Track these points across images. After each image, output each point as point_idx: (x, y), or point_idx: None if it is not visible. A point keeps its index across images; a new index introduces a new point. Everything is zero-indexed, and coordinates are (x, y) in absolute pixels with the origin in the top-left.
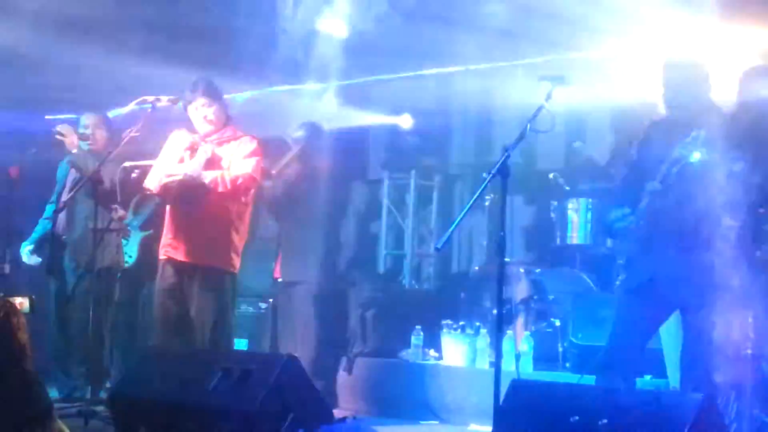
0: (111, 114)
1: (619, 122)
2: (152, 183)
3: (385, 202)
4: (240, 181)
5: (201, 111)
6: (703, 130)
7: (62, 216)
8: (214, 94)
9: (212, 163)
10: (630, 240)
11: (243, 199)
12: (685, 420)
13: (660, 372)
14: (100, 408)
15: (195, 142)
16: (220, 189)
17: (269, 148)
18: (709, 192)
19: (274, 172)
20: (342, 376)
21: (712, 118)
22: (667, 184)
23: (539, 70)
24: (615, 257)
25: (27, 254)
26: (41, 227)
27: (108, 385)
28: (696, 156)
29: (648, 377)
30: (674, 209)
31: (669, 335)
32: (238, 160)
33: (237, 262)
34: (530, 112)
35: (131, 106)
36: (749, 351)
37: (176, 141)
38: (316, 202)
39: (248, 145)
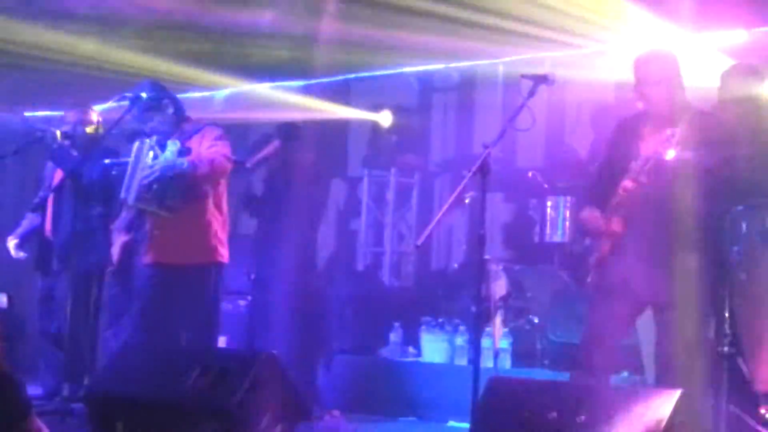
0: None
1: (600, 120)
2: (128, 195)
3: (365, 199)
4: (216, 161)
5: (147, 127)
6: (678, 128)
7: (48, 214)
8: (146, 107)
9: (183, 151)
10: (602, 238)
11: (222, 182)
12: (661, 416)
13: (637, 368)
14: (78, 405)
15: (160, 143)
16: (199, 171)
17: (248, 143)
18: (683, 190)
19: (249, 165)
20: (321, 373)
21: (686, 116)
22: (639, 181)
23: (520, 67)
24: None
25: (14, 248)
26: (29, 222)
27: (86, 381)
28: (671, 154)
29: (625, 373)
30: (647, 207)
31: (646, 331)
32: (208, 146)
33: (224, 251)
34: (511, 109)
35: (111, 103)
36: (725, 348)
37: (140, 148)
38: (295, 198)
39: (212, 132)
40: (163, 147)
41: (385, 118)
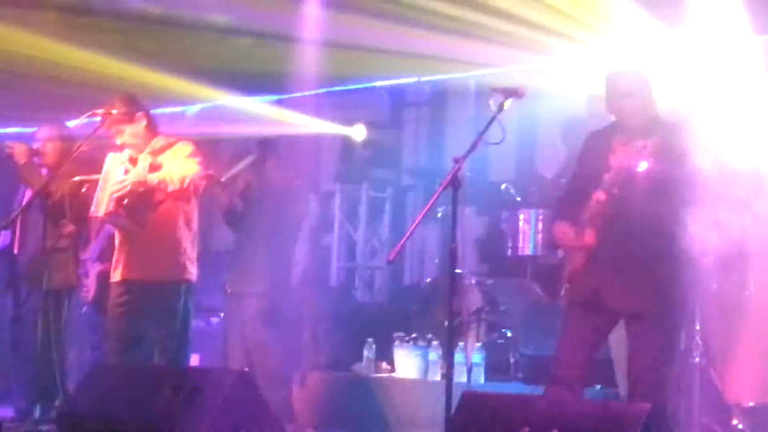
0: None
1: (571, 133)
2: (99, 208)
3: (337, 214)
4: (188, 180)
5: (117, 139)
6: (649, 140)
7: (17, 232)
8: (120, 119)
9: (155, 167)
10: (575, 251)
11: (192, 200)
12: (634, 429)
13: (610, 381)
14: (48, 427)
15: (132, 157)
16: (170, 188)
17: (223, 157)
18: (655, 201)
19: (223, 179)
20: (295, 390)
21: (657, 128)
22: (612, 193)
23: (492, 81)
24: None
25: None
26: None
27: (57, 403)
28: (643, 165)
29: (598, 387)
30: (619, 218)
31: (618, 345)
32: (181, 162)
33: (193, 269)
34: (482, 123)
35: (82, 120)
36: (697, 359)
37: (113, 162)
38: (269, 213)
39: (185, 147)
40: (135, 162)
41: (358, 133)
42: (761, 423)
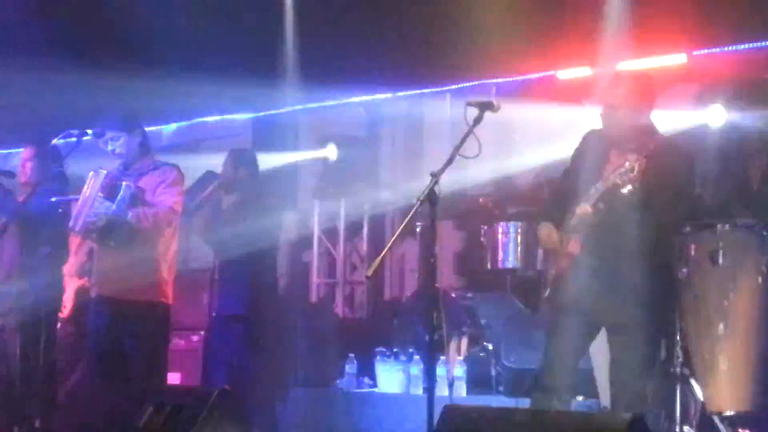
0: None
1: (549, 147)
2: (77, 225)
3: (316, 231)
4: (160, 215)
5: (110, 145)
6: (638, 159)
7: None
8: (120, 126)
9: (136, 196)
10: (558, 257)
11: (166, 231)
12: None
13: (591, 392)
14: None
15: (114, 179)
16: (143, 225)
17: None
18: (638, 219)
19: (192, 205)
20: (277, 407)
21: (650, 143)
22: (597, 207)
23: (468, 94)
24: (544, 278)
25: None
26: None
27: (37, 424)
28: (627, 188)
29: (580, 397)
30: (603, 231)
31: (599, 355)
32: (161, 190)
33: (169, 292)
34: (459, 137)
35: (58, 140)
36: (677, 369)
37: (94, 180)
38: (247, 231)
39: (168, 174)
40: (117, 187)
41: (330, 152)
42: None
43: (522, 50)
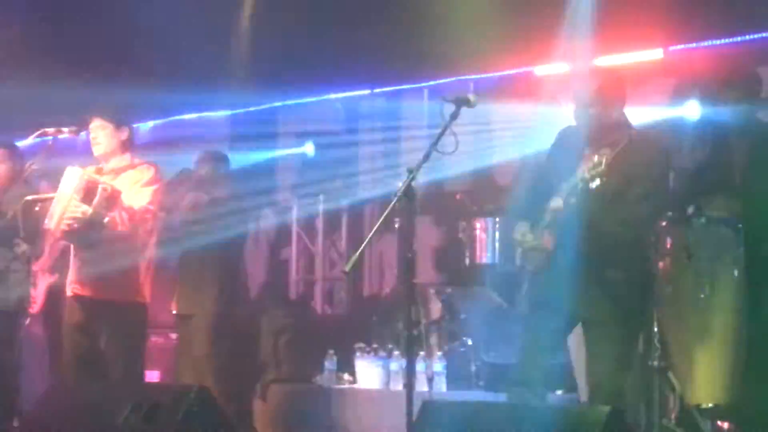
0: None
1: (527, 142)
2: (52, 224)
3: (295, 227)
4: (137, 216)
5: (92, 132)
6: (605, 155)
7: None
8: (110, 117)
9: (112, 198)
10: (535, 253)
11: (141, 231)
12: None
13: (570, 386)
14: None
15: (91, 181)
16: (120, 228)
17: (172, 179)
18: (609, 214)
19: (167, 204)
20: (257, 403)
21: (623, 139)
22: (569, 203)
23: (445, 91)
24: (523, 274)
25: None
26: None
27: (15, 423)
28: (595, 183)
29: (559, 391)
30: (575, 225)
31: (577, 348)
32: (136, 190)
33: (146, 291)
34: (436, 133)
35: (31, 139)
36: (655, 362)
37: (71, 179)
38: (212, 231)
39: (146, 173)
40: (94, 189)
41: (309, 149)
42: (721, 424)
43: (500, 47)
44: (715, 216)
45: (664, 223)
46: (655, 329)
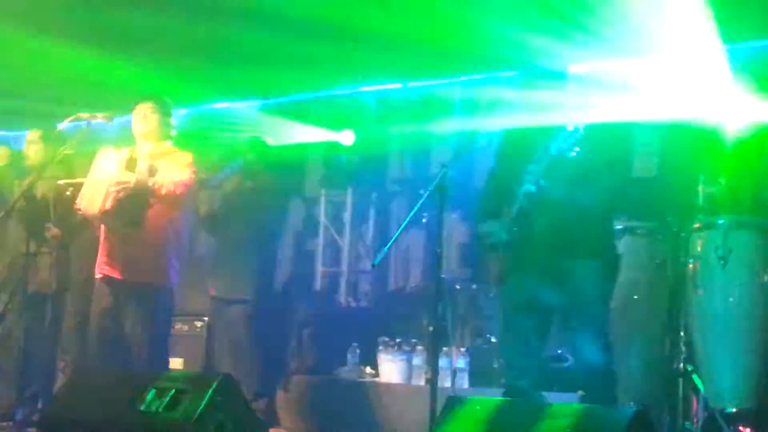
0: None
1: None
2: (91, 204)
3: (322, 219)
4: (179, 182)
5: (142, 112)
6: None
7: None
8: (162, 105)
9: (153, 168)
10: (506, 251)
11: (180, 208)
12: None
13: (570, 386)
14: (30, 430)
15: (131, 156)
16: (164, 191)
17: (211, 162)
18: (585, 189)
19: (211, 183)
20: (280, 394)
21: None
22: (539, 184)
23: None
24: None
25: None
26: None
27: (39, 405)
28: (575, 149)
29: (581, 391)
30: (547, 211)
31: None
32: (175, 170)
33: (174, 277)
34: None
35: (66, 123)
36: (681, 365)
37: (106, 159)
38: (254, 218)
39: (183, 157)
40: (134, 160)
41: (346, 138)
42: (743, 429)
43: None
44: (746, 219)
45: (696, 226)
46: (682, 332)
